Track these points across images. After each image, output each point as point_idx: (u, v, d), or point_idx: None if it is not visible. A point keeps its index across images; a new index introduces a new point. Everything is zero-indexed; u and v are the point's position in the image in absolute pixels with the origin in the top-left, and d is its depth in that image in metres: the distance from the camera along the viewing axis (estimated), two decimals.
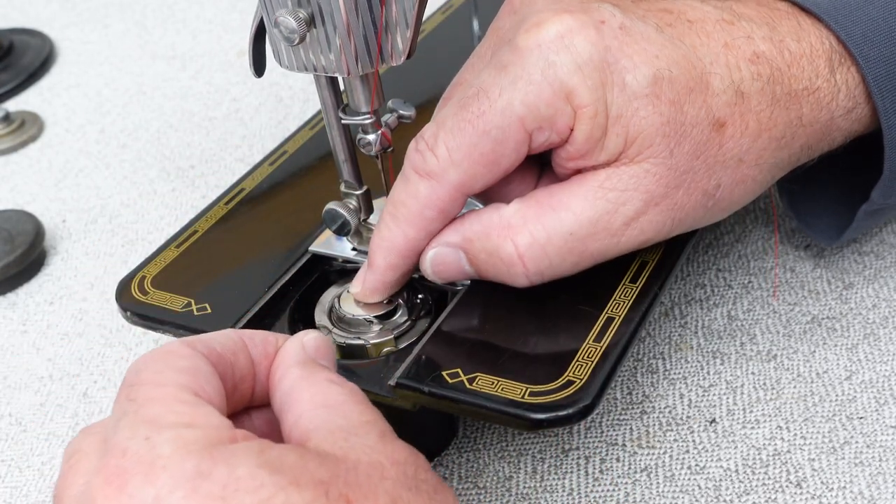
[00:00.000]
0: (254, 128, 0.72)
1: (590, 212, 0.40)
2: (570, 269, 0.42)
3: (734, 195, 0.42)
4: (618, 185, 0.40)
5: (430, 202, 0.41)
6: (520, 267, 0.41)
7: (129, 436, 0.30)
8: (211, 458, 0.29)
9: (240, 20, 0.86)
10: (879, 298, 0.49)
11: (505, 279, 0.42)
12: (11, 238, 0.61)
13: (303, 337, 0.37)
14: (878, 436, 0.43)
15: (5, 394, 0.54)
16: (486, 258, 0.42)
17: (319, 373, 0.35)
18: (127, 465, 0.29)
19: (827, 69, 0.42)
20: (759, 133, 0.41)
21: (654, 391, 0.47)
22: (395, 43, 0.41)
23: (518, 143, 0.40)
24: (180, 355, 0.34)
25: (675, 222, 0.41)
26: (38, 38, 0.88)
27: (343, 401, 0.34)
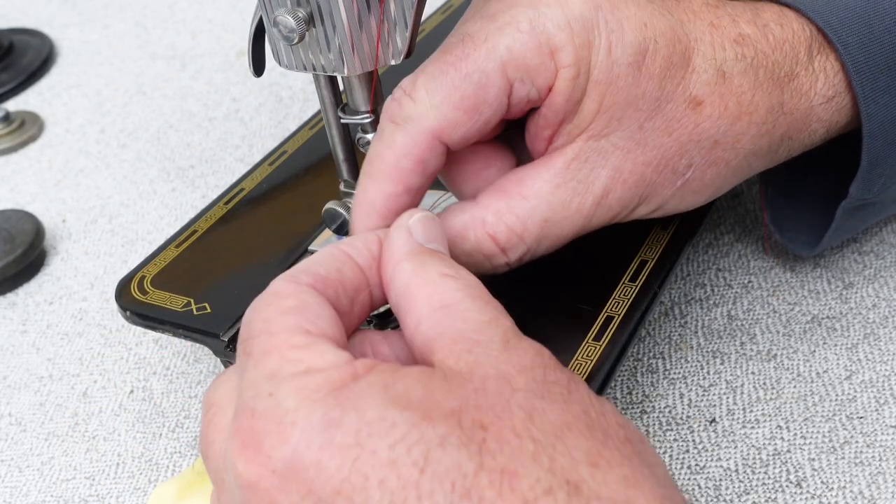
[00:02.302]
0: (253, 128, 0.72)
1: (560, 194, 0.40)
2: (547, 250, 0.41)
3: (706, 177, 0.41)
4: (585, 162, 0.40)
5: (407, 151, 0.39)
6: (501, 257, 0.41)
7: (254, 394, 0.30)
8: (338, 405, 0.29)
9: (240, 20, 0.86)
10: (879, 298, 0.49)
11: (485, 270, 0.41)
12: (11, 238, 0.61)
13: (407, 221, 0.35)
14: (878, 436, 0.43)
15: (5, 394, 0.54)
16: (466, 259, 0.41)
17: (431, 265, 0.34)
18: (258, 426, 0.29)
19: (806, 57, 0.42)
20: (738, 116, 0.40)
21: (653, 391, 0.47)
22: (395, 42, 0.41)
23: (499, 90, 0.39)
24: (284, 294, 0.33)
25: (642, 199, 0.41)
26: (38, 38, 0.88)
27: (461, 298, 0.33)
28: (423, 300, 0.33)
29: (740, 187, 0.57)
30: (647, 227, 0.46)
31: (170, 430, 0.50)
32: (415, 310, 0.33)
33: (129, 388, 0.53)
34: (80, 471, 0.49)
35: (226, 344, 0.45)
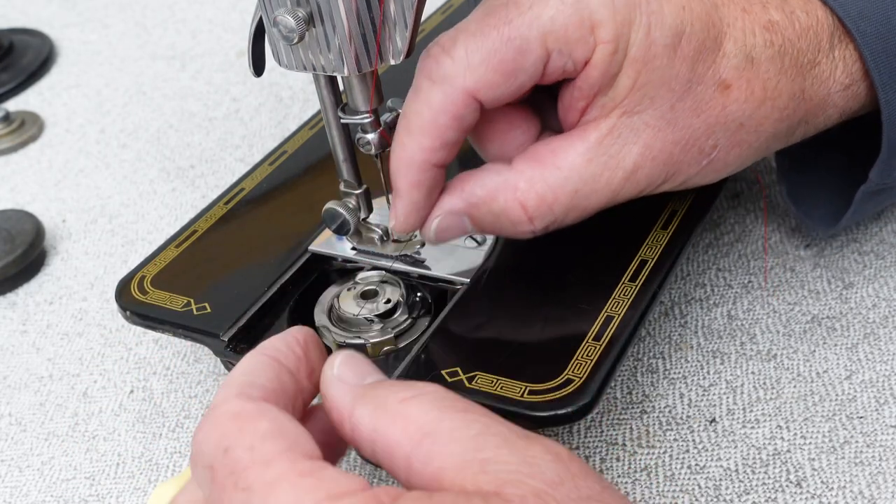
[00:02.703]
0: (254, 128, 0.72)
1: (591, 167, 0.41)
2: (573, 220, 0.42)
3: (729, 158, 0.43)
4: (618, 138, 0.41)
5: (444, 108, 0.40)
6: (528, 225, 0.42)
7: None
8: None
9: (240, 20, 0.86)
10: (879, 298, 0.49)
11: (508, 234, 0.43)
12: (11, 238, 0.61)
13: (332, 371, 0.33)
14: (878, 435, 0.43)
15: (5, 394, 0.54)
16: (492, 220, 0.42)
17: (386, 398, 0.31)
18: None
19: (828, 45, 0.43)
20: (763, 100, 0.42)
21: (653, 391, 0.47)
22: (395, 42, 0.41)
23: (537, 58, 0.40)
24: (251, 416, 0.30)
25: (668, 176, 0.42)
26: (38, 38, 0.88)
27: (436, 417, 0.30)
28: (401, 437, 0.30)
29: (741, 187, 0.57)
30: (647, 227, 0.46)
31: (170, 430, 0.50)
32: (398, 450, 0.30)
33: (129, 388, 0.53)
34: (80, 471, 0.49)
35: (226, 344, 0.45)
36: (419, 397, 0.31)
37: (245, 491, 0.28)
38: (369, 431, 0.31)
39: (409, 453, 0.30)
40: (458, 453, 0.29)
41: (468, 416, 0.30)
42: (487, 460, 0.29)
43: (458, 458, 0.29)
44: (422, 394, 0.31)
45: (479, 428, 0.30)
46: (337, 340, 0.45)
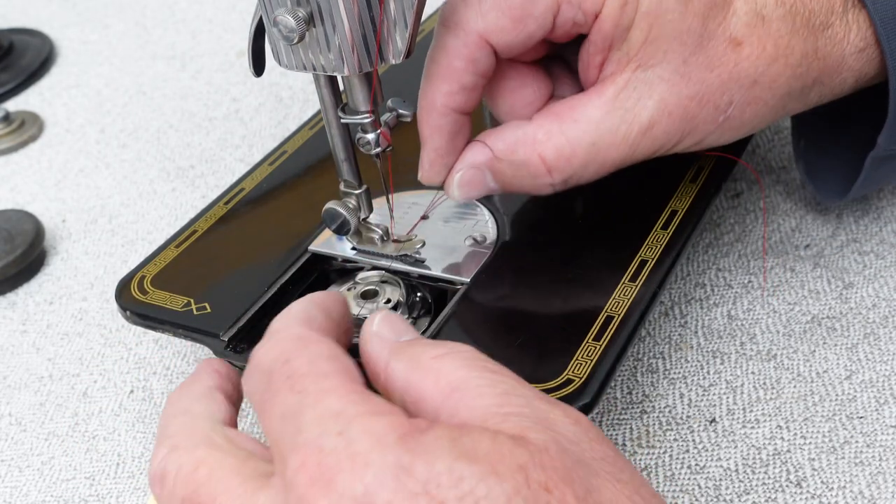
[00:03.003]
0: (254, 128, 0.72)
1: (609, 121, 0.42)
2: (591, 176, 0.44)
3: (745, 115, 0.43)
4: (633, 92, 0.42)
5: (458, 52, 0.42)
6: (546, 178, 0.43)
7: (319, 432, 0.29)
8: (408, 452, 0.28)
9: (240, 20, 0.86)
10: (879, 298, 0.49)
11: (530, 189, 0.44)
12: (11, 238, 0.61)
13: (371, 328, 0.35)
14: (878, 435, 0.43)
15: (5, 394, 0.54)
16: (512, 173, 0.44)
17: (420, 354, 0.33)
18: (329, 462, 0.28)
19: (841, 7, 0.43)
20: (775, 58, 0.42)
21: (653, 391, 0.47)
22: (395, 42, 0.41)
23: (546, 8, 0.41)
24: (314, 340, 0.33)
25: (686, 132, 0.43)
26: (38, 38, 0.88)
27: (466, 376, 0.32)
28: (432, 390, 0.32)
29: (741, 187, 0.57)
30: (647, 227, 0.46)
31: None
32: (428, 403, 0.32)
33: (129, 388, 0.53)
34: (80, 471, 0.49)
35: (226, 344, 0.45)
36: (451, 355, 0.33)
37: (299, 394, 0.31)
38: (402, 383, 0.33)
39: (438, 406, 0.31)
40: (483, 407, 0.31)
41: (496, 377, 0.32)
42: (510, 413, 0.30)
43: (483, 410, 0.31)
44: (454, 352, 0.33)
45: (506, 388, 0.31)
46: None
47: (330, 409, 0.30)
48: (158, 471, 0.33)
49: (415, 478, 0.28)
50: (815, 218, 0.55)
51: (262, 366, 0.32)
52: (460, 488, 0.27)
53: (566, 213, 0.48)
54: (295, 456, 0.29)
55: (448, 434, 0.29)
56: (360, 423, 0.29)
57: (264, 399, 0.32)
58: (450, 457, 0.28)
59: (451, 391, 0.32)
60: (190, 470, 0.32)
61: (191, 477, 0.32)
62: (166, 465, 0.32)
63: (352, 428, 0.29)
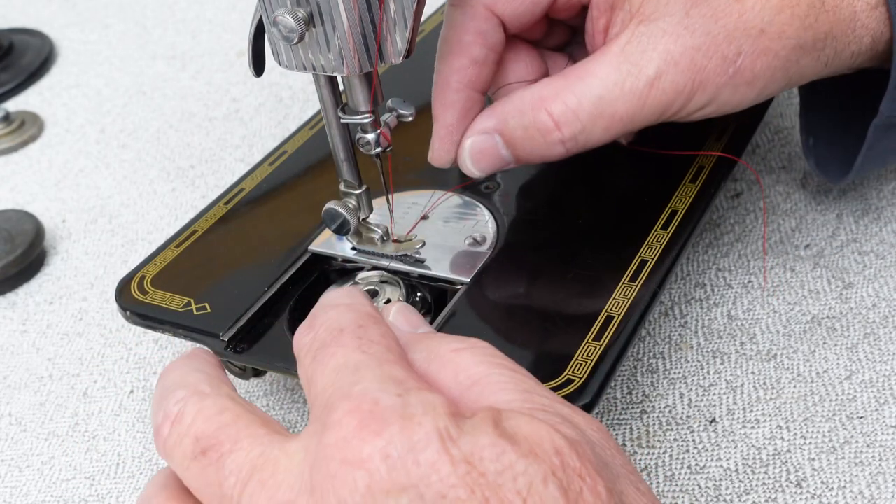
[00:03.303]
0: (254, 128, 0.72)
1: (614, 75, 0.43)
2: (602, 133, 0.44)
3: (756, 67, 0.43)
4: (637, 46, 0.42)
5: (466, 26, 0.43)
6: (556, 133, 0.43)
7: (378, 388, 0.29)
8: (457, 425, 0.29)
9: (240, 20, 0.86)
10: (879, 298, 0.49)
11: (542, 152, 0.44)
12: (11, 238, 0.61)
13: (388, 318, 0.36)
14: (878, 436, 0.43)
15: (5, 394, 0.54)
16: (522, 134, 0.44)
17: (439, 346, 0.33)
18: (382, 414, 0.29)
19: None
20: (780, 8, 0.42)
21: (653, 391, 0.47)
22: (395, 42, 0.41)
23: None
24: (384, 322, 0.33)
25: (696, 84, 0.43)
26: (38, 38, 0.88)
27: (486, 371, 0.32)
28: (451, 382, 0.32)
29: (741, 187, 0.57)
30: (647, 227, 0.46)
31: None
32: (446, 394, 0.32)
33: (129, 388, 0.53)
34: (80, 471, 0.49)
35: (226, 344, 0.45)
36: (471, 349, 0.33)
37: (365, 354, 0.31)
38: (420, 373, 0.33)
39: (456, 398, 0.32)
40: (507, 401, 0.31)
41: (517, 375, 0.32)
42: (535, 409, 0.31)
43: (507, 404, 0.31)
44: (474, 346, 0.33)
45: (527, 387, 0.32)
46: None
47: (392, 374, 0.30)
48: (174, 410, 0.32)
49: (459, 447, 0.28)
50: (815, 218, 0.55)
51: (333, 324, 0.33)
52: (501, 462, 0.28)
53: (566, 214, 0.48)
54: (347, 402, 0.29)
55: (491, 416, 0.29)
56: (418, 393, 0.30)
57: (326, 349, 0.32)
58: (493, 434, 0.28)
59: (471, 384, 0.32)
60: (214, 412, 0.31)
61: (215, 417, 0.31)
62: (185, 406, 0.32)
63: (410, 394, 0.29)
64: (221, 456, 0.30)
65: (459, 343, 0.33)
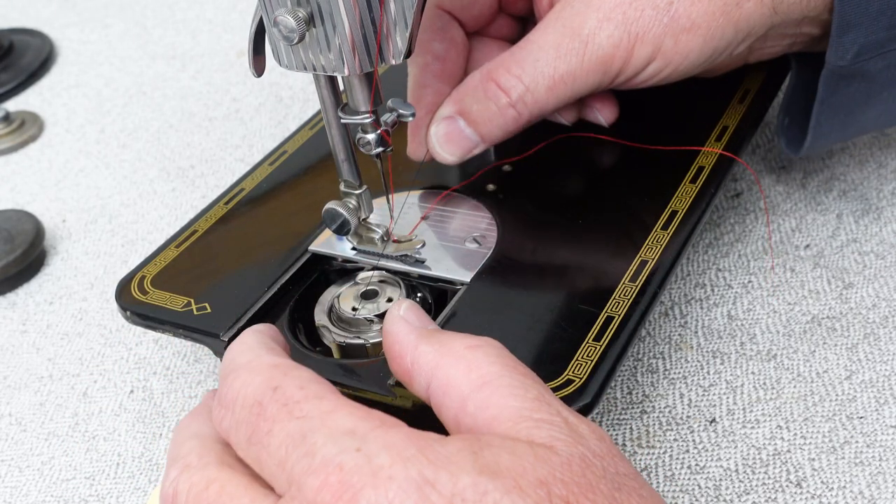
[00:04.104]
0: (254, 128, 0.72)
1: (550, 38, 0.45)
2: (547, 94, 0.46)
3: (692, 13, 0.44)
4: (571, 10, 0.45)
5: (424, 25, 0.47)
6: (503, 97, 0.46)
7: (337, 450, 0.29)
8: (431, 464, 0.28)
9: (240, 20, 0.86)
10: (879, 298, 0.49)
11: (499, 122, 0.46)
12: (11, 238, 0.61)
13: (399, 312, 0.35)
14: (878, 436, 0.43)
15: (5, 394, 0.54)
16: (478, 108, 0.46)
17: (452, 342, 0.33)
18: (350, 479, 0.28)
19: None
20: None
21: (653, 391, 0.47)
22: (395, 42, 0.41)
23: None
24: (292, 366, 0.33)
25: (633, 37, 0.44)
26: (38, 38, 0.88)
27: (499, 373, 0.32)
28: (462, 379, 0.32)
29: (741, 187, 0.57)
30: (647, 227, 0.46)
31: (170, 430, 0.50)
32: (455, 390, 0.32)
33: (129, 388, 0.53)
34: (80, 471, 0.49)
35: (226, 344, 0.45)
36: (485, 348, 0.33)
37: (301, 419, 0.30)
38: (430, 367, 0.33)
39: (466, 395, 0.31)
40: (516, 408, 0.31)
41: (527, 380, 0.32)
42: (543, 420, 0.30)
43: (515, 411, 0.31)
44: (488, 345, 0.33)
45: (537, 393, 0.32)
46: (337, 340, 0.45)
47: (340, 427, 0.30)
48: (170, 490, 0.32)
49: (439, 491, 0.28)
50: (815, 218, 0.55)
51: (247, 398, 0.32)
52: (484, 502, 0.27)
53: (566, 214, 0.48)
54: (313, 478, 0.29)
55: (468, 447, 0.29)
56: (376, 438, 0.29)
57: (258, 430, 0.31)
58: (474, 470, 0.28)
59: (482, 384, 0.32)
60: (201, 488, 0.32)
61: (202, 494, 0.31)
62: (178, 485, 0.32)
63: (369, 443, 0.29)
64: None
65: (474, 340, 0.33)
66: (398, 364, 0.34)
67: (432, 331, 0.35)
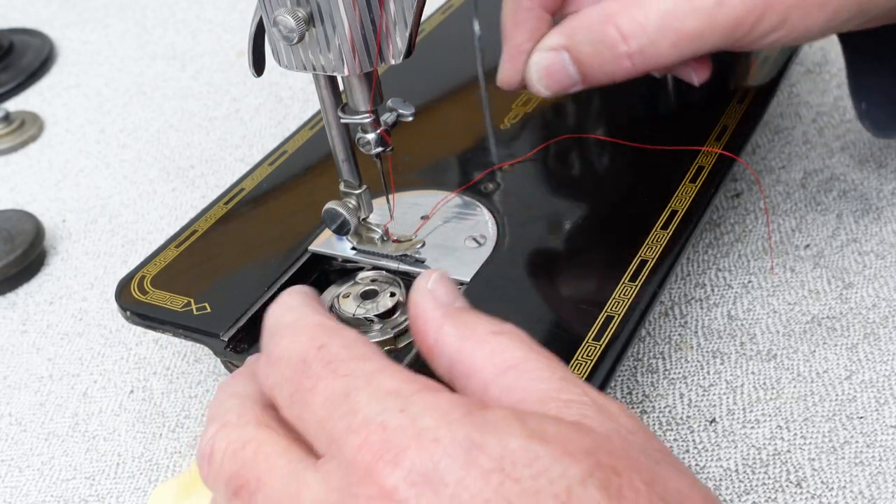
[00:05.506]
0: (254, 128, 0.72)
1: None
2: (669, 49, 0.43)
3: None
4: None
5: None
6: (622, 46, 0.43)
7: (380, 409, 0.28)
8: (477, 429, 0.27)
9: (240, 20, 0.86)
10: (879, 298, 0.49)
11: (609, 68, 0.44)
12: (11, 238, 0.61)
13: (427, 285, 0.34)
14: (878, 436, 0.43)
15: (5, 394, 0.54)
16: (589, 49, 0.44)
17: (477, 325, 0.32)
18: (394, 439, 0.27)
19: None
20: None
21: (653, 391, 0.47)
22: (395, 42, 0.41)
23: None
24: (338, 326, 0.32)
25: (766, 4, 0.42)
26: (38, 38, 0.88)
27: (523, 357, 0.31)
28: (485, 363, 0.31)
29: (741, 187, 0.57)
30: (647, 227, 0.46)
31: (170, 430, 0.50)
32: (478, 374, 0.31)
33: (129, 388, 0.53)
34: (80, 471, 0.49)
35: (226, 344, 0.45)
36: (510, 333, 0.32)
37: (346, 377, 0.30)
38: (453, 349, 0.32)
39: (490, 380, 0.31)
40: (542, 390, 0.30)
41: (553, 363, 0.31)
42: (571, 401, 0.30)
43: (542, 394, 0.30)
44: (512, 331, 0.32)
45: (563, 375, 0.31)
46: None
47: (384, 387, 0.29)
48: (207, 448, 0.32)
49: (487, 454, 0.27)
50: (815, 218, 0.55)
51: (292, 355, 0.31)
52: (535, 467, 0.27)
53: (566, 214, 0.48)
54: (354, 436, 0.28)
55: (513, 414, 0.28)
56: (420, 400, 0.28)
57: (302, 387, 0.31)
58: (522, 436, 0.27)
59: (506, 368, 0.31)
60: (238, 447, 0.31)
61: (238, 453, 0.31)
62: (215, 443, 0.32)
63: (413, 405, 0.28)
64: (251, 495, 0.30)
65: (498, 326, 0.33)
66: (421, 340, 0.34)
67: (458, 310, 0.34)
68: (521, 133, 0.52)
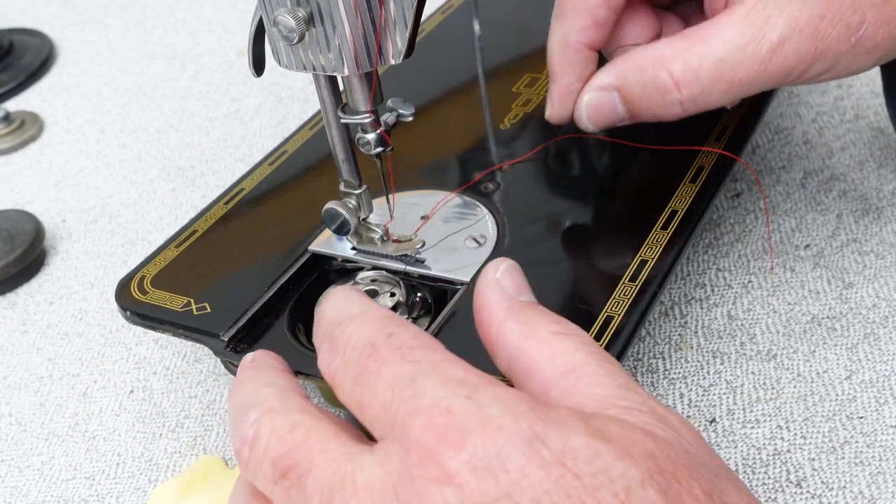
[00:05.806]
0: (254, 128, 0.72)
1: (738, 38, 0.42)
2: (720, 96, 0.43)
3: (878, 36, 0.43)
4: (763, 11, 0.42)
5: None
6: (675, 93, 0.43)
7: (445, 394, 0.28)
8: (542, 422, 0.27)
9: (240, 20, 0.86)
10: (879, 298, 0.49)
11: (659, 111, 0.44)
12: (11, 238, 0.61)
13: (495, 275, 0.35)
14: (878, 436, 0.43)
15: (5, 394, 0.54)
16: (640, 92, 0.44)
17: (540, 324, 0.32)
18: (459, 423, 0.27)
19: None
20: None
21: (654, 391, 0.47)
22: (395, 42, 0.41)
23: None
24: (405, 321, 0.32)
25: (818, 52, 0.42)
26: (38, 38, 0.88)
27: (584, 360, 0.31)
28: (545, 364, 0.31)
29: (741, 187, 0.57)
30: (647, 227, 0.46)
31: (170, 430, 0.50)
32: (538, 374, 0.31)
33: (129, 388, 0.53)
34: (80, 471, 0.49)
35: (226, 344, 0.45)
36: (572, 336, 0.32)
37: (413, 363, 0.30)
38: (514, 347, 0.32)
39: (549, 381, 0.31)
40: (602, 396, 0.30)
41: (614, 369, 0.31)
42: (631, 408, 0.30)
43: (601, 399, 0.30)
44: (574, 333, 0.32)
45: (623, 382, 0.31)
46: None
47: (452, 375, 0.29)
48: (250, 433, 0.31)
49: (549, 448, 0.27)
50: (815, 218, 0.55)
51: (360, 341, 0.31)
52: (595, 464, 0.27)
53: (566, 214, 0.48)
54: (418, 418, 0.28)
55: (577, 413, 0.28)
56: (486, 390, 0.28)
57: (367, 370, 0.31)
58: (585, 433, 0.27)
59: (566, 371, 0.31)
60: (286, 430, 0.31)
61: (286, 437, 0.31)
62: (259, 427, 0.31)
63: (479, 393, 0.28)
64: (301, 477, 0.30)
65: (561, 326, 0.32)
66: (483, 332, 0.34)
67: (524, 304, 0.34)
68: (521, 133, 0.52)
